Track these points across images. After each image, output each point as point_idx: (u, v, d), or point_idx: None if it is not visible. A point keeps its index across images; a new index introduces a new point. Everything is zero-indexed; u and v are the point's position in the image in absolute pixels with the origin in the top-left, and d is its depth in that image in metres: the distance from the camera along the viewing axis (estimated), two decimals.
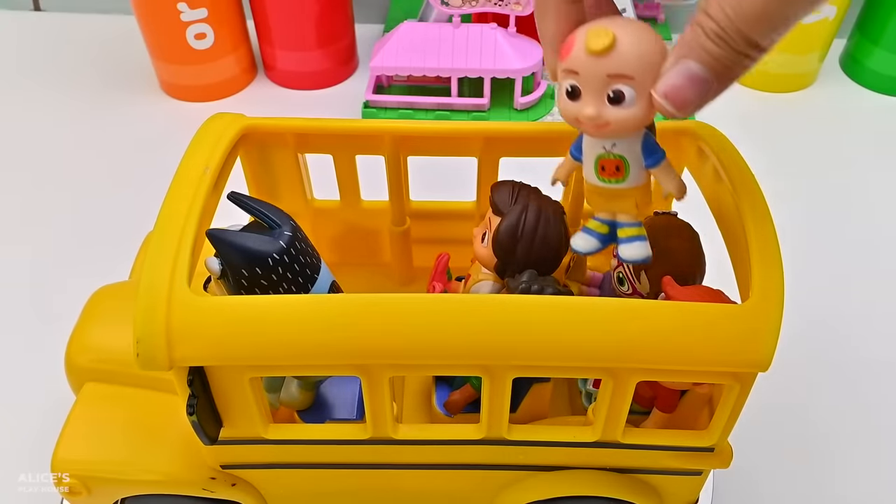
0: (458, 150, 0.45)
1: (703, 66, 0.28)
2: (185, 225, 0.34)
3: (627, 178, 0.34)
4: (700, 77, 0.28)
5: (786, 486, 0.50)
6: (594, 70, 0.30)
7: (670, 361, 0.33)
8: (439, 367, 0.36)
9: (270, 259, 0.34)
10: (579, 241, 0.37)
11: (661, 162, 0.33)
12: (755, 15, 0.26)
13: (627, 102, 0.30)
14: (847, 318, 0.60)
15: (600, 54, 0.30)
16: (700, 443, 0.37)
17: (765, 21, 0.26)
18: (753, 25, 0.26)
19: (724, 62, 0.27)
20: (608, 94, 0.31)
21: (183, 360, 0.32)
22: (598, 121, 0.31)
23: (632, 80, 0.30)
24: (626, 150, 0.33)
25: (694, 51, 0.28)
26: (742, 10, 0.26)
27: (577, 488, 0.40)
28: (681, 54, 0.28)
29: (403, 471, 0.40)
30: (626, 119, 0.31)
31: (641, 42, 0.30)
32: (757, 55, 0.27)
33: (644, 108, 0.30)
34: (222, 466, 0.40)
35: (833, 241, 0.67)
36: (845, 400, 0.55)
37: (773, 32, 0.26)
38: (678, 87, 0.28)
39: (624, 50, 0.30)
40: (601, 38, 0.30)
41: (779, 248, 0.34)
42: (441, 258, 0.45)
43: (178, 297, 0.32)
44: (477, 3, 0.75)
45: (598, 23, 0.31)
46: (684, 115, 0.29)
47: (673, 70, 0.28)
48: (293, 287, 0.36)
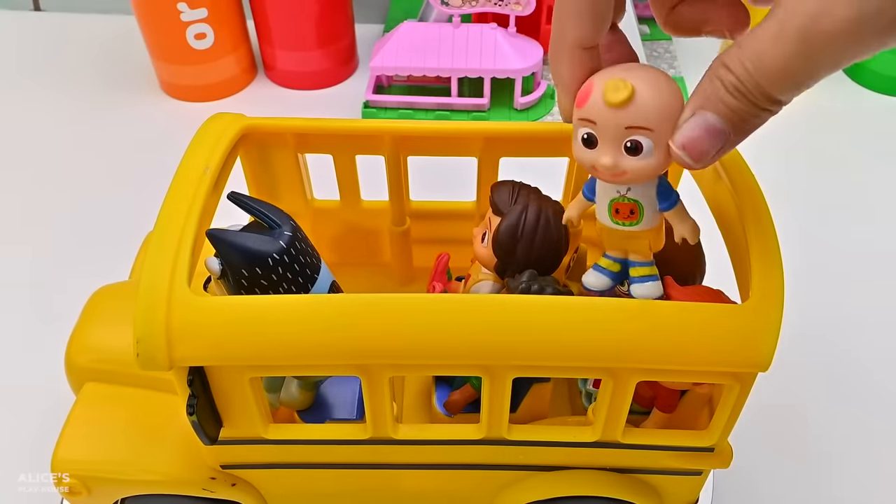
0: (458, 150, 0.45)
1: (720, 119, 0.27)
2: (185, 225, 0.34)
3: (641, 222, 0.34)
4: (718, 129, 0.28)
5: (786, 486, 0.50)
6: (612, 121, 0.30)
7: (670, 361, 0.33)
8: (439, 367, 0.36)
9: (270, 259, 0.34)
10: (591, 279, 0.37)
11: (676, 205, 0.33)
12: (776, 72, 0.25)
13: (645, 153, 0.30)
14: (847, 318, 0.60)
15: (619, 107, 0.30)
16: (700, 443, 0.37)
17: (786, 78, 0.26)
18: (774, 82, 0.26)
19: (742, 115, 0.27)
20: (626, 144, 0.31)
21: (183, 360, 0.32)
22: (615, 170, 0.31)
23: (650, 132, 0.30)
24: (641, 194, 0.33)
25: (712, 103, 0.27)
26: (763, 65, 0.25)
27: (577, 488, 0.40)
28: (698, 105, 0.28)
29: (403, 471, 0.40)
30: (643, 169, 0.31)
31: (660, 93, 0.30)
32: (777, 109, 0.27)
33: (661, 157, 0.30)
34: (222, 466, 0.40)
35: (833, 241, 0.67)
36: (845, 400, 0.55)
37: (794, 90, 0.26)
38: (696, 138, 0.28)
39: (642, 102, 0.30)
40: (620, 90, 0.30)
41: (778, 247, 0.34)
42: (441, 258, 0.45)
43: (178, 297, 0.32)
44: (477, 3, 0.75)
45: (615, 72, 0.31)
46: (702, 166, 0.29)
47: (691, 121, 0.28)
48: (293, 287, 0.35)
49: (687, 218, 0.34)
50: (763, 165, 0.42)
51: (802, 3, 0.24)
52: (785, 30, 0.25)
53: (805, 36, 0.24)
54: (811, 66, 0.25)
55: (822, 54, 0.25)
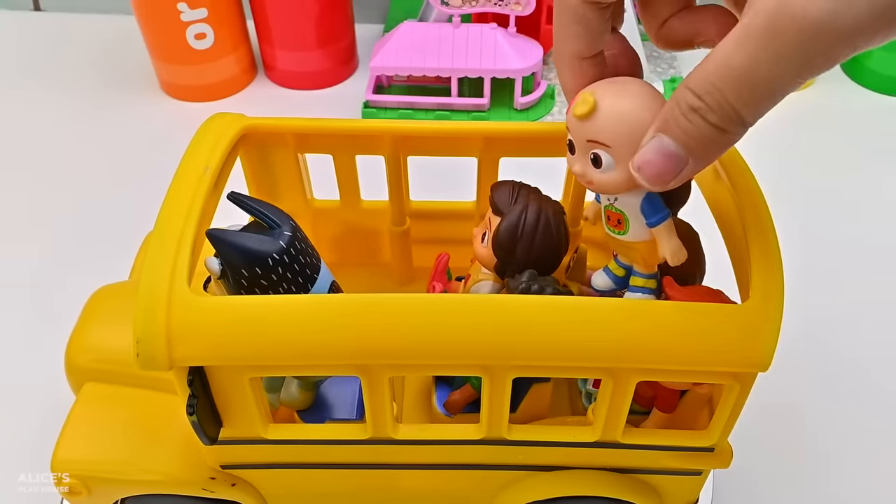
0: (458, 150, 0.45)
1: (676, 143, 0.27)
2: (184, 225, 0.34)
3: (628, 233, 0.35)
4: (672, 153, 0.27)
5: (786, 487, 0.50)
6: (578, 132, 0.32)
7: (670, 361, 0.33)
8: (439, 367, 0.36)
9: (270, 259, 0.34)
10: (597, 280, 0.39)
11: (661, 223, 0.33)
12: (741, 78, 0.25)
13: (605, 167, 0.32)
14: (847, 318, 0.60)
15: (582, 119, 0.31)
16: (700, 443, 0.37)
17: (753, 87, 0.25)
18: (739, 92, 0.25)
19: (699, 139, 0.27)
20: (590, 156, 0.32)
21: (183, 360, 0.32)
22: (583, 178, 0.33)
23: (608, 148, 0.31)
24: (626, 206, 0.34)
25: (669, 126, 0.27)
26: (728, 73, 0.25)
27: (576, 488, 0.40)
28: (657, 128, 0.28)
29: (403, 471, 0.40)
30: (607, 182, 0.32)
31: (623, 111, 0.31)
32: (738, 131, 0.26)
33: (624, 174, 0.31)
34: (222, 466, 0.40)
35: (833, 241, 0.66)
36: (845, 400, 0.55)
37: (759, 103, 0.25)
38: (650, 161, 0.28)
39: (601, 118, 0.31)
40: (582, 104, 0.31)
41: (778, 247, 0.34)
42: (441, 258, 0.45)
43: (178, 297, 0.32)
44: (477, 3, 0.75)
45: (601, 85, 0.32)
46: (661, 188, 0.29)
47: (648, 145, 0.28)
48: (293, 287, 0.35)
49: (671, 239, 0.34)
50: (762, 165, 0.42)
51: (763, 4, 0.24)
52: (750, 30, 0.24)
53: (770, 32, 0.24)
54: (777, 67, 0.24)
55: (789, 51, 0.24)
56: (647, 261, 0.36)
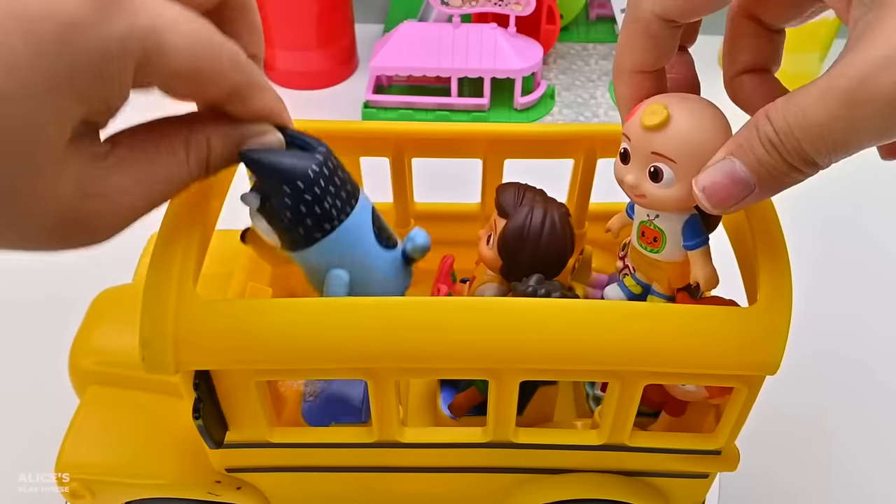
0: (463, 151, 0.45)
1: (748, 170, 0.27)
2: (190, 227, 0.33)
3: (663, 251, 0.35)
4: (742, 180, 0.27)
5: (793, 490, 0.50)
6: (642, 143, 0.31)
7: (677, 364, 0.32)
8: (445, 370, 0.36)
9: (311, 171, 0.33)
10: (612, 294, 0.39)
11: (700, 248, 0.33)
12: (816, 130, 0.24)
13: (665, 182, 0.31)
14: (856, 320, 0.60)
15: (650, 130, 0.31)
16: (707, 446, 0.37)
17: (826, 140, 0.24)
18: (813, 141, 0.25)
19: (771, 171, 0.26)
20: (649, 168, 0.31)
21: (189, 364, 0.32)
22: (635, 190, 0.32)
23: (672, 163, 0.31)
24: (666, 225, 0.34)
25: (744, 151, 0.27)
26: (804, 122, 0.25)
27: (583, 491, 0.40)
28: (730, 151, 0.27)
29: (409, 474, 0.40)
30: (662, 198, 0.32)
31: (694, 129, 0.30)
32: (810, 171, 0.26)
33: (683, 192, 0.31)
34: (227, 470, 0.40)
35: (839, 243, 0.67)
36: (854, 403, 0.55)
37: (833, 154, 0.25)
38: (717, 184, 0.28)
39: (673, 132, 0.30)
40: (654, 115, 0.30)
41: (786, 250, 0.34)
42: (446, 260, 0.45)
43: (184, 299, 0.32)
44: (477, 3, 0.75)
45: (665, 98, 0.31)
46: (721, 212, 0.29)
47: (717, 165, 0.28)
48: (338, 202, 0.34)
49: (707, 265, 0.34)
50: None
51: (852, 66, 0.24)
52: (832, 89, 0.24)
53: (850, 98, 0.24)
54: (853, 132, 0.24)
55: (866, 120, 0.24)
56: (672, 282, 0.36)
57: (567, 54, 0.87)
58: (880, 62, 0.23)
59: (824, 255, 0.65)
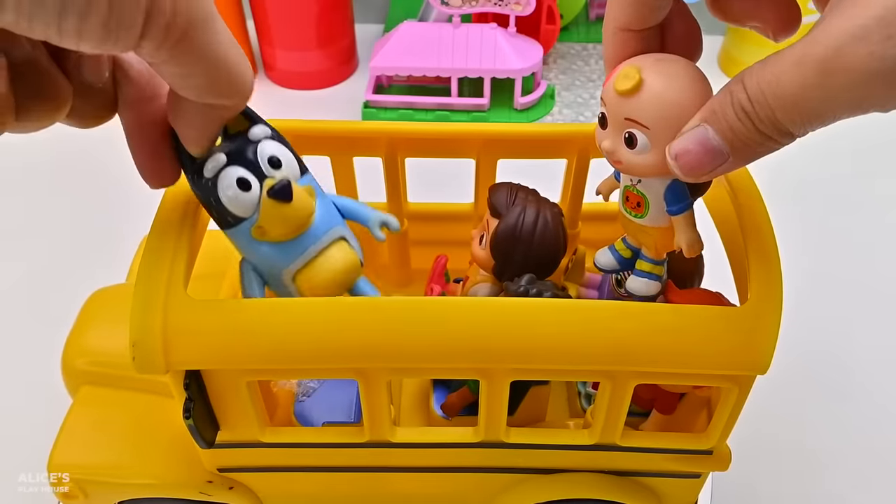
0: (456, 151, 0.45)
1: (720, 138, 0.26)
2: (181, 228, 0.34)
3: (646, 216, 0.34)
4: (715, 148, 0.26)
5: (784, 489, 0.50)
6: (616, 108, 0.30)
7: (669, 364, 0.32)
8: (437, 370, 0.36)
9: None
10: (601, 258, 0.38)
11: (683, 213, 0.33)
12: (790, 99, 0.24)
13: (640, 149, 0.30)
14: (846, 320, 0.60)
15: (622, 95, 0.30)
16: (698, 445, 0.37)
17: (800, 109, 0.24)
18: (786, 110, 0.24)
19: (745, 139, 0.26)
20: (624, 134, 0.30)
21: (179, 364, 0.32)
22: (612, 156, 0.32)
23: (647, 130, 0.30)
24: (649, 189, 0.33)
25: (717, 118, 0.26)
26: (779, 90, 0.24)
27: (575, 491, 0.39)
28: (704, 118, 0.27)
29: (401, 474, 0.40)
30: (638, 164, 0.31)
31: (669, 93, 0.29)
32: (784, 141, 0.25)
33: (659, 158, 0.29)
34: (219, 470, 0.40)
35: (832, 243, 0.66)
36: (844, 402, 0.55)
37: (807, 124, 0.24)
38: (690, 151, 0.27)
39: (645, 98, 0.29)
40: (626, 79, 0.29)
41: (777, 250, 0.33)
42: (439, 260, 0.45)
43: (174, 300, 0.32)
44: (477, 3, 0.75)
45: (640, 60, 0.30)
46: (694, 180, 0.28)
47: (690, 133, 0.27)
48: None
49: (690, 229, 0.33)
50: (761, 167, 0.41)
51: (828, 34, 0.23)
52: (807, 56, 0.23)
53: (825, 67, 0.23)
54: (828, 101, 0.24)
55: (841, 91, 0.23)
56: (659, 247, 0.35)
57: (567, 54, 0.87)
58: (857, 32, 0.22)
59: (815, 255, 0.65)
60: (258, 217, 0.31)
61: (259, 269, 0.34)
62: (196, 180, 0.32)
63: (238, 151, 0.31)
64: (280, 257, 0.33)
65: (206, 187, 0.31)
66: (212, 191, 0.31)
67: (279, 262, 0.33)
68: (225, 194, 0.31)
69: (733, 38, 0.82)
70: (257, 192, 0.31)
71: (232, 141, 0.31)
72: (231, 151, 0.31)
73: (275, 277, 0.34)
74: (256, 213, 0.31)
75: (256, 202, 0.31)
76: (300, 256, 0.33)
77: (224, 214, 0.32)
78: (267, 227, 0.32)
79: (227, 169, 0.31)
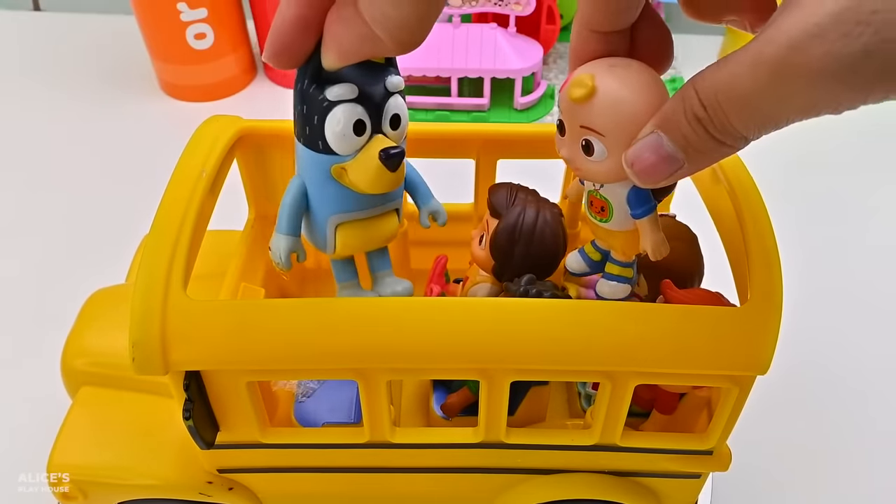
0: (456, 151, 0.45)
1: (674, 145, 0.26)
2: (180, 228, 0.34)
3: (611, 221, 0.33)
4: (669, 155, 0.26)
5: (785, 489, 0.50)
6: (571, 115, 0.30)
7: (669, 365, 0.32)
8: (437, 370, 0.36)
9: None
10: (572, 262, 0.38)
11: (646, 216, 0.32)
12: (744, 101, 0.23)
13: (597, 156, 0.30)
14: (847, 320, 0.60)
15: (576, 102, 0.29)
16: (699, 446, 0.37)
17: (753, 112, 0.23)
18: (740, 113, 0.23)
19: (699, 147, 0.25)
20: (581, 142, 0.30)
21: (179, 365, 0.32)
22: (571, 164, 0.31)
23: (602, 137, 0.29)
24: (612, 194, 0.32)
25: (671, 125, 0.26)
26: (733, 93, 0.23)
27: (575, 492, 0.39)
28: (657, 124, 0.26)
29: (401, 474, 0.40)
30: (596, 172, 0.30)
31: (622, 99, 0.28)
32: (738, 145, 0.25)
33: (616, 164, 0.29)
34: (219, 470, 0.40)
35: (832, 243, 0.66)
36: (844, 403, 0.55)
37: (761, 127, 0.24)
38: (644, 159, 0.27)
39: (599, 105, 0.29)
40: (579, 87, 0.29)
41: (777, 250, 0.33)
42: (439, 260, 0.45)
43: (174, 300, 0.32)
44: (477, 3, 0.75)
45: (594, 66, 0.29)
46: (651, 186, 0.28)
47: (644, 140, 0.27)
48: None
49: (654, 232, 0.32)
50: (761, 167, 0.42)
51: (782, 32, 0.22)
52: (760, 57, 0.22)
53: (778, 69, 0.22)
54: (782, 104, 0.23)
55: (796, 93, 0.22)
56: (626, 250, 0.35)
57: (567, 54, 0.87)
58: (812, 30, 0.21)
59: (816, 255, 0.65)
60: (350, 161, 0.30)
61: (310, 198, 0.32)
62: (310, 91, 0.30)
63: (371, 95, 0.30)
64: (337, 203, 0.32)
65: (319, 105, 0.29)
66: (322, 111, 0.29)
67: (333, 207, 0.32)
68: (334, 126, 0.30)
69: (733, 39, 0.82)
70: (366, 139, 0.30)
71: (369, 76, 0.30)
72: (365, 91, 0.30)
73: (318, 215, 0.33)
74: (350, 158, 0.30)
75: (358, 148, 0.30)
76: (354, 212, 0.33)
77: (317, 137, 0.30)
78: (352, 176, 0.30)
79: (352, 105, 0.30)
